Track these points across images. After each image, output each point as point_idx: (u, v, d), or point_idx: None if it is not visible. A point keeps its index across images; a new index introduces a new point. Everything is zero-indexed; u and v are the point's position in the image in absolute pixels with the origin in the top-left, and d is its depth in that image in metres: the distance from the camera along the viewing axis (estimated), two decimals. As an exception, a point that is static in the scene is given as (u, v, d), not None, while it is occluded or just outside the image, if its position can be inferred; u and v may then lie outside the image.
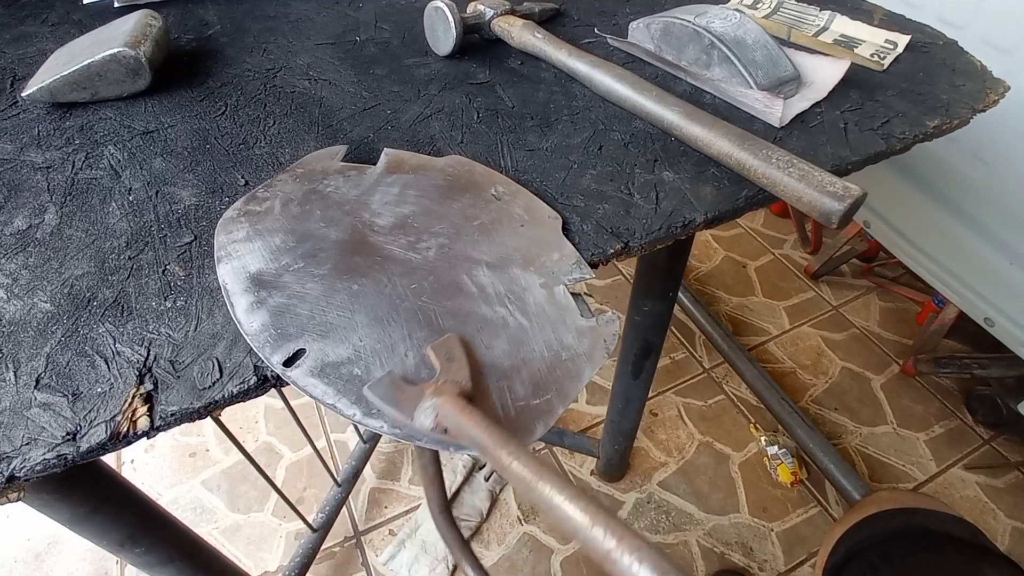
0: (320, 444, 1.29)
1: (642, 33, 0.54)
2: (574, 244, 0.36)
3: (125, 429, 0.29)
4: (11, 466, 0.28)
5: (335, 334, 0.31)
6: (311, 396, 0.29)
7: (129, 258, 0.37)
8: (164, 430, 0.29)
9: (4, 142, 0.47)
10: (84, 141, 0.47)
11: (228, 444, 1.29)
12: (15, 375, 0.31)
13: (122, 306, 0.34)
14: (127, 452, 1.27)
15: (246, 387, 0.30)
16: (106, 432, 0.28)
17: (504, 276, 0.34)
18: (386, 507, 1.20)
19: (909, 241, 1.06)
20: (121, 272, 0.36)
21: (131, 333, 0.33)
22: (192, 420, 0.29)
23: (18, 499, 0.29)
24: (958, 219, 0.96)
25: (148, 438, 0.29)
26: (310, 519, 1.08)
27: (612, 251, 0.36)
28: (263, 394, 0.31)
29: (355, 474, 1.18)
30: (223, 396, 0.29)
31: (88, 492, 0.54)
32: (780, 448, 1.24)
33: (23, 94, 0.49)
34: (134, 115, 0.49)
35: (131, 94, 0.51)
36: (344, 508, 1.18)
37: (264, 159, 0.44)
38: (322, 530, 1.10)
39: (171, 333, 0.32)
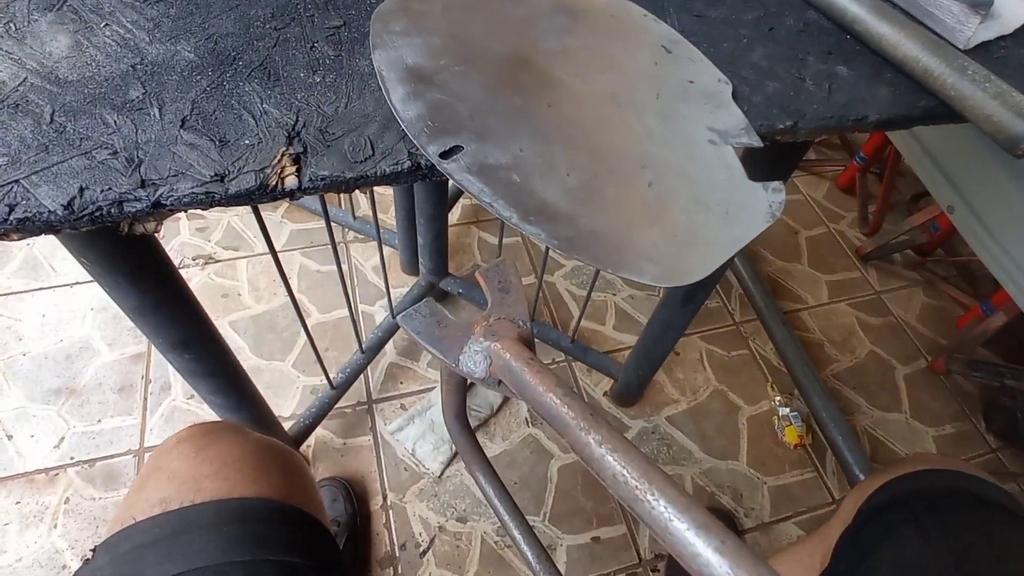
0: (346, 313, 1.31)
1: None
2: (743, 113, 0.34)
3: (274, 183, 0.28)
4: (158, 192, 0.27)
5: (494, 139, 0.29)
6: (467, 191, 0.28)
7: (275, 29, 0.35)
8: (312, 193, 0.28)
9: None
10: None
11: (260, 292, 1.32)
12: (160, 112, 0.30)
13: (268, 71, 0.32)
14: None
15: (400, 169, 0.28)
16: (255, 181, 0.27)
17: (671, 124, 0.32)
18: (401, 383, 1.23)
19: (990, 233, 1.02)
20: (267, 40, 0.34)
21: (278, 97, 0.31)
22: (341, 190, 0.29)
23: (155, 230, 0.28)
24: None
25: (293, 199, 0.28)
26: (331, 376, 1.11)
27: (781, 127, 0.34)
28: (415, 181, 0.29)
29: (379, 345, 1.20)
30: (376, 173, 0.28)
31: (159, 285, 0.55)
32: (792, 411, 1.25)
33: None
34: None
35: None
36: (362, 375, 1.21)
37: (413, -37, 0.41)
38: (340, 389, 1.14)
39: (320, 105, 0.31)
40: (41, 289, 1.26)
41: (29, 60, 0.31)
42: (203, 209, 0.28)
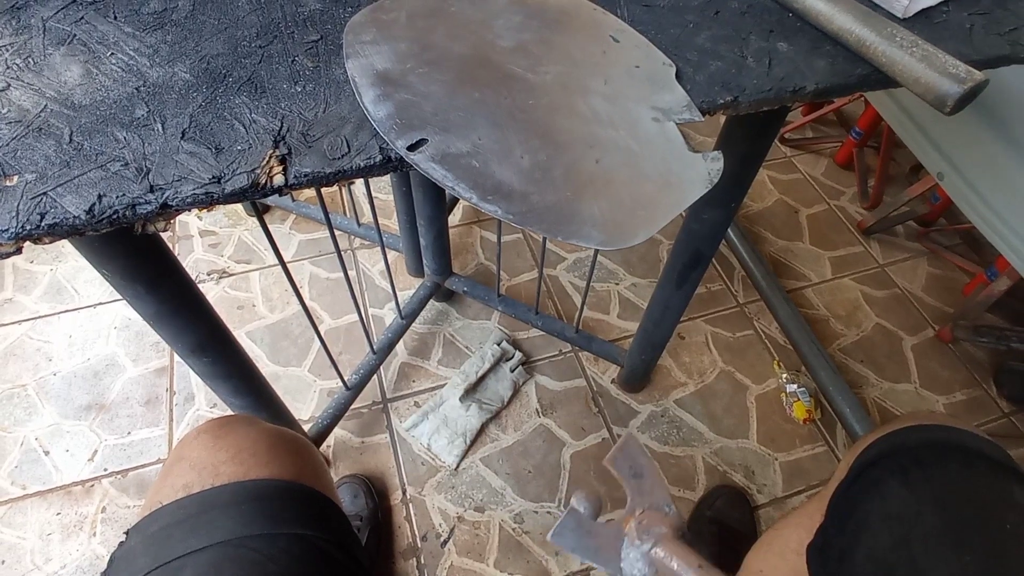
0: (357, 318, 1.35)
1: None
2: (686, 92, 0.37)
3: (263, 181, 0.31)
4: (165, 195, 0.31)
5: (455, 131, 0.33)
6: (432, 178, 0.31)
7: (259, 47, 0.39)
8: (296, 188, 0.32)
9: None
10: (209, -61, 0.47)
11: (273, 302, 1.37)
12: (163, 127, 0.34)
13: (255, 85, 0.36)
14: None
15: (372, 163, 0.32)
16: (248, 180, 0.31)
17: (618, 106, 0.35)
18: (414, 381, 1.27)
19: (981, 197, 1.03)
20: (253, 57, 0.38)
21: (265, 107, 0.35)
22: (322, 184, 0.32)
23: (164, 229, 0.32)
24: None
25: (281, 194, 0.32)
26: (345, 378, 1.16)
27: (722, 102, 0.37)
28: (386, 173, 0.33)
29: (389, 346, 1.24)
30: (351, 167, 0.32)
31: (174, 293, 0.59)
32: (799, 387, 1.27)
33: None
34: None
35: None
36: (375, 376, 1.25)
37: (384, -22, 0.45)
38: (354, 390, 1.18)
39: (302, 112, 0.35)
40: (67, 311, 1.32)
41: (47, 89, 0.35)
42: (204, 208, 0.31)
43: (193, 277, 1.41)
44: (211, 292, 1.37)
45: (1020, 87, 0.94)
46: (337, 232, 1.46)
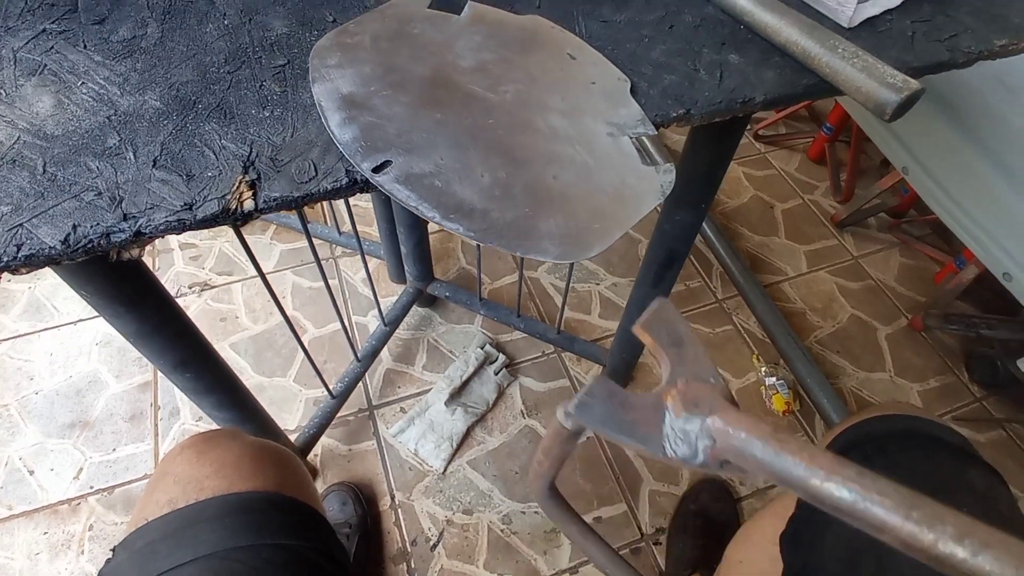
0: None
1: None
2: (640, 106, 0.39)
3: (234, 207, 0.33)
4: (138, 223, 0.32)
5: (418, 151, 0.34)
6: (396, 199, 0.33)
7: (228, 72, 0.40)
8: (266, 212, 0.33)
9: (100, -42, 0.49)
10: (176, -34, 0.48)
11: (256, 313, 1.37)
12: (134, 155, 0.35)
13: (225, 111, 0.38)
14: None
15: (339, 185, 0.33)
16: (218, 207, 0.32)
17: (575, 122, 0.36)
18: (399, 387, 1.28)
19: (944, 191, 1.07)
20: (222, 83, 0.39)
21: (234, 133, 0.36)
22: (291, 208, 0.34)
23: (140, 255, 0.33)
24: (992, 165, 0.96)
25: (252, 218, 0.33)
26: (330, 387, 1.16)
27: (675, 115, 0.39)
28: (353, 195, 0.34)
29: (373, 353, 1.25)
30: (319, 190, 0.33)
31: (154, 311, 0.60)
32: (778, 379, 1.29)
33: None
34: (221, -53, 0.51)
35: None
36: (360, 383, 1.26)
37: (350, 1, 0.46)
38: (340, 398, 1.18)
39: (270, 137, 0.36)
40: (47, 329, 1.31)
41: (20, 120, 0.36)
42: (177, 234, 0.33)
43: (174, 290, 1.42)
44: (193, 305, 1.37)
45: (977, 84, 0.97)
46: (318, 241, 1.47)
